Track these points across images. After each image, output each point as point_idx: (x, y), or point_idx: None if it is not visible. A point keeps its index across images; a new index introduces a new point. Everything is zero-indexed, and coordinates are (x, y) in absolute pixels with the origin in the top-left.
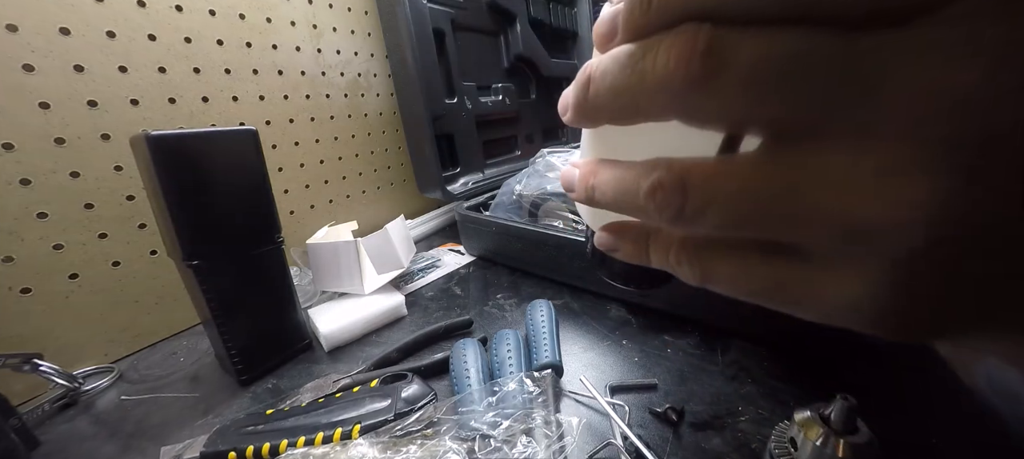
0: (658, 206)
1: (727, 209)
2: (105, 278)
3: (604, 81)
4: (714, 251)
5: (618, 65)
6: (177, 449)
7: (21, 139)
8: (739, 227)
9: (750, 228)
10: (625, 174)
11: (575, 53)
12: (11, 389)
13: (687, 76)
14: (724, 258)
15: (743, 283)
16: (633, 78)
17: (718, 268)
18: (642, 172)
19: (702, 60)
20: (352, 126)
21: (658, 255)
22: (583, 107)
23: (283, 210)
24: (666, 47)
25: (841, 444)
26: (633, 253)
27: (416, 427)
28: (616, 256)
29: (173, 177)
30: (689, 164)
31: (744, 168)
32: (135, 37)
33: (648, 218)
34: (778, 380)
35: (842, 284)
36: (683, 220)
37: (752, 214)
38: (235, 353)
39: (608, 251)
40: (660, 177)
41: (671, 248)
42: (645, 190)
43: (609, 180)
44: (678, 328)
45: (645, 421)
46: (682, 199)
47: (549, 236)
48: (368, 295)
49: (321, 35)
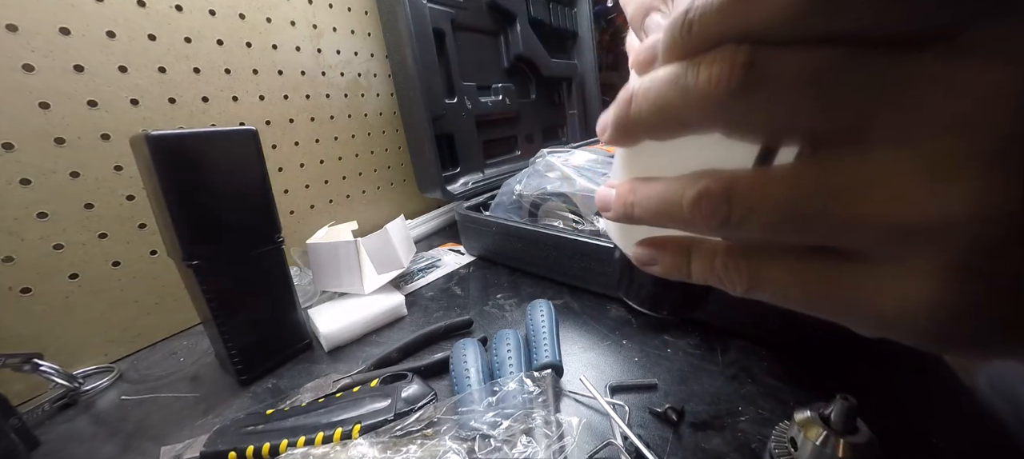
0: (704, 214)
1: (773, 214)
2: (105, 278)
3: (647, 97)
4: (761, 258)
5: (661, 82)
6: (177, 449)
7: (21, 139)
8: (786, 232)
9: (797, 233)
10: (667, 187)
11: (575, 53)
12: (11, 389)
13: (730, 87)
14: (772, 264)
15: (791, 289)
16: (676, 91)
17: (766, 274)
18: (686, 183)
19: (744, 71)
20: (352, 126)
21: (701, 265)
22: (624, 123)
23: (283, 210)
24: (708, 62)
25: (841, 444)
26: (673, 266)
27: (416, 427)
28: (653, 271)
29: (173, 177)
30: (733, 172)
31: (789, 174)
32: (135, 37)
33: (692, 228)
34: (778, 380)
35: (894, 286)
36: (729, 227)
37: (799, 218)
38: (235, 353)
39: (645, 266)
40: (706, 185)
41: (716, 256)
42: (690, 199)
43: (650, 194)
44: (678, 328)
45: (645, 421)
46: (728, 206)
47: (549, 236)
48: (368, 295)
49: (321, 35)
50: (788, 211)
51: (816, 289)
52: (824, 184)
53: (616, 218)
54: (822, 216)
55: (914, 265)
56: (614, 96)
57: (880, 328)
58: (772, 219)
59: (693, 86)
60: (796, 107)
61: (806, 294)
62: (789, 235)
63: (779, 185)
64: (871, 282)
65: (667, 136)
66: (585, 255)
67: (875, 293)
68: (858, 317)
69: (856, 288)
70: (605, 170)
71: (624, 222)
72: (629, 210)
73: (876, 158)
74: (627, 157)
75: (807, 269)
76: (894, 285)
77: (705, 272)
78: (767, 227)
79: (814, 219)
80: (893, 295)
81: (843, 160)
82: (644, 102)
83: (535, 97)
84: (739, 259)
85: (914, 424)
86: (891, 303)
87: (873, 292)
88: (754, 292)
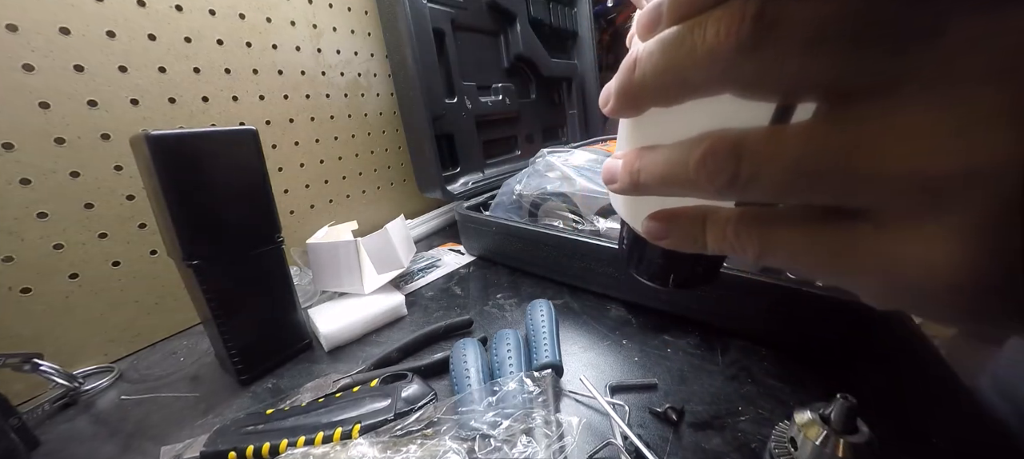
0: (709, 173)
1: (786, 170)
2: (105, 278)
3: (652, 60)
4: (773, 221)
5: (665, 44)
6: (177, 449)
7: (21, 139)
8: (799, 189)
9: (811, 190)
10: (672, 151)
11: (575, 53)
12: (11, 389)
13: (738, 42)
14: (783, 228)
15: (804, 252)
16: (682, 52)
17: (777, 238)
18: (693, 144)
19: (753, 24)
20: (352, 126)
21: (714, 234)
22: (627, 90)
23: (283, 210)
24: (715, 18)
25: (841, 444)
26: (686, 237)
27: (416, 427)
28: (665, 244)
29: (173, 177)
30: (742, 131)
31: (804, 129)
32: (135, 37)
33: (699, 192)
34: (778, 380)
35: (914, 246)
36: (737, 186)
37: (813, 174)
38: (235, 353)
39: (656, 239)
40: (713, 144)
41: (728, 224)
42: (696, 159)
43: (656, 159)
44: (678, 328)
45: (645, 421)
46: (736, 164)
47: (549, 236)
48: (368, 295)
49: (321, 35)
50: (802, 166)
51: (828, 252)
52: (843, 137)
53: (622, 189)
54: (839, 171)
55: (937, 223)
56: None
57: (893, 295)
58: (784, 176)
59: (700, 44)
60: (812, 61)
61: (817, 258)
62: (802, 193)
63: (793, 139)
64: (887, 243)
65: (674, 101)
66: (585, 255)
67: (891, 255)
68: (871, 282)
69: (870, 250)
70: None
71: (630, 193)
72: (635, 177)
73: (901, 110)
74: (632, 128)
75: (819, 232)
76: (914, 246)
77: (718, 241)
78: (779, 186)
79: (830, 174)
80: (911, 256)
81: (864, 113)
82: (648, 66)
83: (535, 97)
84: (750, 224)
85: (914, 424)
86: (909, 265)
87: (889, 254)
88: (765, 258)
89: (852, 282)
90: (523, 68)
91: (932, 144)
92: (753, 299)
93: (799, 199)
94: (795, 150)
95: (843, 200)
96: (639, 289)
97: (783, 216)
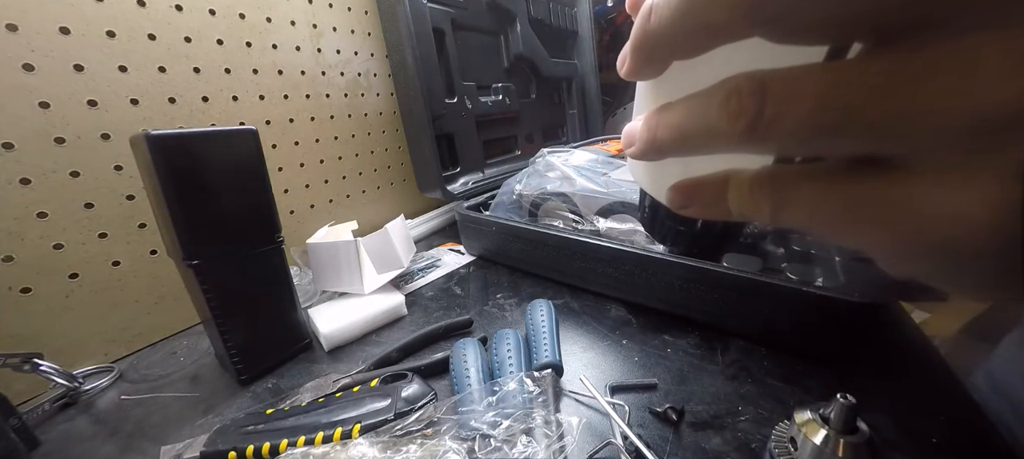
0: (731, 114)
1: (813, 111)
2: (105, 278)
3: (668, 4)
4: (791, 175)
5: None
6: (177, 449)
7: (21, 139)
8: (825, 134)
9: (838, 135)
10: (693, 99)
11: (575, 53)
12: (11, 389)
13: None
14: (802, 181)
15: (824, 206)
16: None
17: (795, 193)
18: (715, 87)
19: None
20: (352, 126)
21: (734, 195)
22: (644, 43)
23: (283, 210)
24: None
25: (841, 444)
26: (711, 202)
27: (416, 427)
28: (689, 212)
29: (173, 177)
30: (770, 70)
31: (836, 66)
32: (135, 37)
33: (720, 139)
34: (778, 380)
35: (953, 191)
36: (760, 128)
37: (843, 115)
38: (235, 353)
39: (679, 208)
40: (737, 83)
41: (745, 183)
42: (719, 99)
43: (675, 111)
44: (678, 328)
45: (645, 421)
46: (760, 102)
47: (549, 236)
48: (368, 295)
49: (321, 35)
50: (834, 104)
51: (850, 205)
52: (884, 73)
53: (641, 149)
54: (876, 109)
55: (982, 169)
56: (614, 96)
57: (919, 255)
58: (813, 117)
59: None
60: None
61: (837, 213)
62: (831, 137)
63: (826, 74)
64: (922, 192)
65: (695, 50)
66: (585, 255)
67: (925, 206)
68: (895, 240)
69: (900, 201)
70: (605, 170)
71: (648, 154)
72: (652, 133)
73: (954, 45)
74: (650, 89)
75: (841, 185)
76: (953, 193)
77: (738, 203)
78: (805, 127)
79: (865, 113)
80: (948, 205)
81: (911, 47)
82: (665, 10)
83: (535, 97)
84: (766, 180)
85: (914, 424)
86: (944, 217)
87: (923, 204)
88: (781, 214)
89: (873, 240)
90: (523, 68)
91: (986, 82)
92: (753, 299)
93: (826, 146)
94: (828, 87)
95: (876, 145)
96: (639, 289)
97: (803, 170)
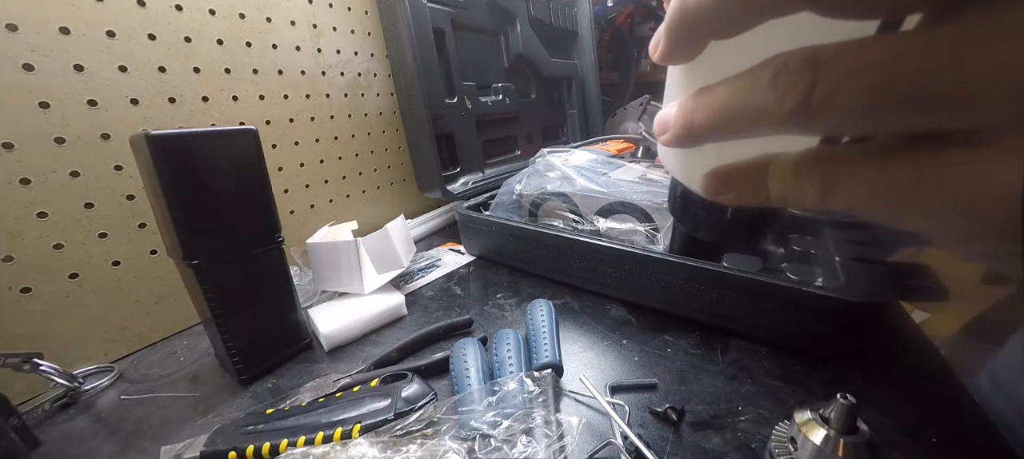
0: (780, 92)
1: (869, 86)
2: (105, 278)
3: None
4: (841, 155)
5: None
6: (177, 449)
7: (21, 139)
8: (882, 110)
9: (896, 110)
10: (735, 80)
11: (575, 53)
12: (11, 389)
13: None
14: (854, 161)
15: (878, 186)
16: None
17: (846, 174)
18: (761, 65)
19: None
20: (352, 126)
21: (776, 180)
22: (682, 21)
23: (283, 210)
24: None
25: (841, 444)
26: (746, 191)
27: (416, 427)
28: (726, 199)
29: (173, 177)
30: (820, 45)
31: (894, 37)
32: (135, 37)
33: (765, 120)
34: (778, 380)
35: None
36: (813, 105)
37: (907, 90)
38: (235, 353)
39: (714, 197)
40: (785, 59)
41: (789, 167)
42: (766, 78)
43: (715, 94)
44: (678, 328)
45: (645, 421)
46: (812, 77)
47: (549, 236)
48: (368, 295)
49: (321, 35)
50: (896, 75)
51: (906, 183)
52: (947, 40)
53: (675, 136)
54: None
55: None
56: (614, 96)
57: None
58: (869, 94)
59: None
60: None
61: (893, 192)
62: (888, 113)
63: (883, 46)
64: (987, 166)
65: (740, 26)
66: (585, 255)
67: (989, 180)
68: (955, 217)
69: (961, 176)
70: (605, 170)
71: (683, 141)
72: (689, 118)
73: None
74: (686, 73)
75: (897, 161)
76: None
77: (781, 189)
78: (861, 104)
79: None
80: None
81: (970, 19)
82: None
83: (535, 97)
84: (813, 161)
85: (914, 424)
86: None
87: (987, 179)
88: (831, 197)
89: (931, 219)
90: (523, 68)
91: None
92: (753, 299)
93: (884, 123)
94: (891, 57)
95: (943, 118)
96: (639, 289)
97: (853, 149)
